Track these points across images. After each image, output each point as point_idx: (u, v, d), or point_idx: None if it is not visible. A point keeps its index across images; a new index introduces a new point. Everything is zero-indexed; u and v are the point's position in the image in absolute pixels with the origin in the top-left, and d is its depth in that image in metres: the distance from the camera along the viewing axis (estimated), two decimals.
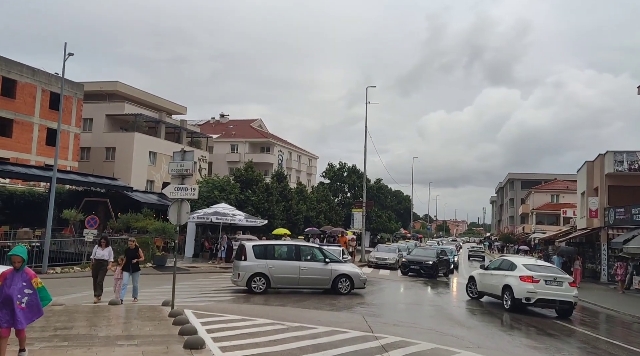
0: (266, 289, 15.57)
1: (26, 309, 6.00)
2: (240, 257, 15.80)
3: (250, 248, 15.87)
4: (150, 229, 24.54)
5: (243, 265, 15.54)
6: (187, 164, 11.37)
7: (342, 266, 16.97)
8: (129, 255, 13.23)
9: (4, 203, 30.28)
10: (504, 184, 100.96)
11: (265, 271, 15.57)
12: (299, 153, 72.97)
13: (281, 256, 16.33)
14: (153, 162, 45.63)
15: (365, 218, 33.61)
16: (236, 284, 15.87)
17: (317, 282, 16.33)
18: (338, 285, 16.30)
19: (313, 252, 16.85)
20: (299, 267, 15.99)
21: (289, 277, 15.92)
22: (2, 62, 35.05)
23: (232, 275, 16.25)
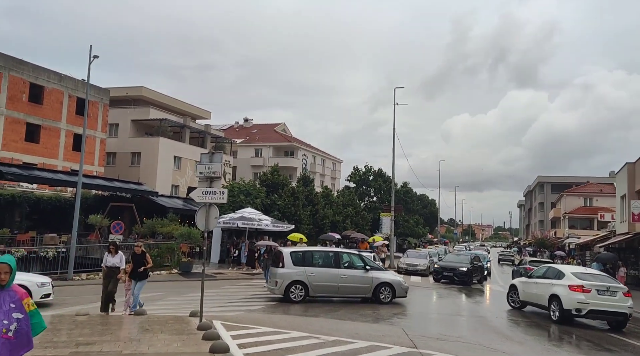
0: (304, 298, 14.89)
1: (14, 340, 4.07)
2: (277, 263, 15.14)
3: (288, 255, 15.18)
4: (176, 234, 24.14)
5: (281, 272, 14.88)
6: (215, 166, 10.74)
7: (383, 274, 16.26)
8: (135, 261, 12.17)
9: (31, 209, 30.41)
10: (532, 187, 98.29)
11: (304, 279, 14.90)
12: (323, 157, 72.31)
13: (320, 263, 15.64)
14: (178, 166, 45.57)
15: (393, 223, 32.66)
16: (273, 292, 15.26)
17: (358, 291, 15.59)
18: (379, 294, 15.56)
19: (353, 259, 16.16)
20: (338, 274, 15.27)
21: (328, 286, 15.22)
22: (29, 68, 35.43)
23: (269, 283, 15.64)
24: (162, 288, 18.05)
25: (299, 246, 22.59)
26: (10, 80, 34.17)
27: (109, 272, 12.09)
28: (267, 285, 15.83)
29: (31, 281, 13.19)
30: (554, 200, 78.70)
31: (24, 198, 29.80)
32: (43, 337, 8.15)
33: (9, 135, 34.05)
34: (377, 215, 49.13)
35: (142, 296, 15.38)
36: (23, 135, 34.90)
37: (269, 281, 15.69)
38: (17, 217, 30.27)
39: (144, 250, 12.43)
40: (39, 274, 20.02)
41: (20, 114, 34.65)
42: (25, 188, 31.95)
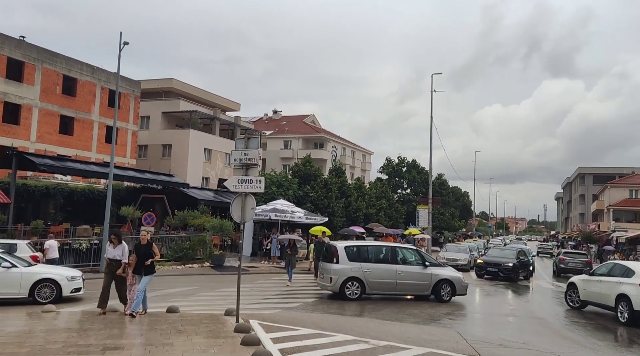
0: (360, 295, 14.14)
1: None
2: (331, 259, 14.41)
3: (343, 250, 14.40)
4: (208, 227, 23.54)
5: (335, 268, 14.13)
6: (251, 153, 9.81)
7: (443, 270, 15.43)
8: (139, 252, 10.32)
9: (65, 201, 30.46)
10: (572, 179, 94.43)
11: (360, 275, 14.14)
12: (352, 148, 71.01)
13: (375, 259, 14.86)
14: (208, 158, 45.26)
15: (430, 216, 31.28)
16: (327, 289, 14.57)
17: (416, 288, 14.86)
18: (440, 291, 14.72)
19: (409, 254, 15.44)
20: (396, 271, 14.52)
21: (385, 282, 14.46)
22: (62, 60, 35.47)
23: (321, 279, 14.90)
24: (194, 282, 17.42)
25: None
26: (43, 72, 34.29)
27: (110, 266, 10.61)
28: (319, 281, 15.15)
29: (61, 275, 12.67)
30: (596, 192, 75.21)
31: (58, 190, 29.82)
32: (68, 339, 7.43)
33: (43, 128, 34.23)
34: (411, 207, 47.74)
35: (175, 291, 14.83)
36: (57, 127, 35.06)
37: (322, 277, 14.83)
38: (52, 209, 30.38)
39: (150, 240, 10.73)
40: (71, 267, 19.78)
41: (54, 106, 34.78)
42: (59, 180, 32.05)
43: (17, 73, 32.74)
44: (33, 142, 33.33)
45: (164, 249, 23.25)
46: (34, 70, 33.78)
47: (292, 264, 17.32)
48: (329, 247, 15.17)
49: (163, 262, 21.42)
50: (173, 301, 12.82)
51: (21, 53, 32.88)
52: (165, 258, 22.11)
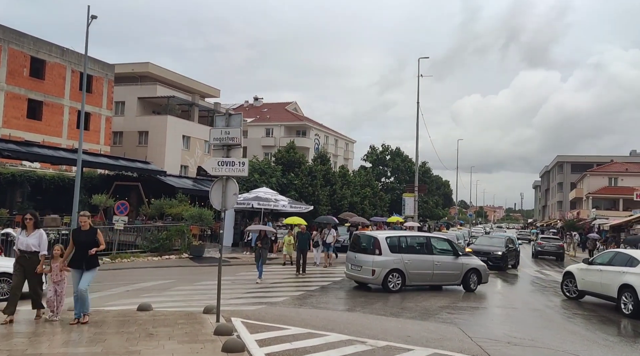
0: (401, 287, 13.85)
1: None
2: (373, 250, 13.92)
3: (384, 241, 13.97)
4: (186, 216, 22.31)
5: (378, 260, 13.68)
6: (233, 131, 8.70)
7: (471, 259, 15.47)
8: (80, 241, 8.11)
9: (33, 189, 28.77)
10: (550, 168, 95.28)
11: (401, 267, 13.86)
12: (335, 137, 69.99)
13: (413, 249, 14.66)
14: (187, 146, 43.73)
15: (417, 204, 30.55)
16: (366, 281, 14.16)
17: (449, 278, 14.82)
18: (468, 280, 14.80)
19: (443, 244, 15.39)
20: (432, 261, 14.43)
21: (423, 273, 14.32)
22: (30, 41, 33.44)
23: (355, 271, 14.20)
24: (171, 274, 16.27)
25: (298, 230, 19.53)
26: (10, 53, 32.25)
27: (22, 259, 8.12)
28: (352, 273, 14.41)
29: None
30: (575, 180, 75.93)
31: (25, 178, 28.13)
32: (15, 347, 6.29)
33: (10, 112, 32.28)
34: (394, 195, 47.10)
35: (149, 285, 13.69)
36: (24, 111, 33.13)
37: (360, 269, 14.05)
38: (19, 198, 28.69)
39: (92, 225, 8.45)
40: None
41: (21, 90, 32.82)
42: (27, 168, 30.30)
43: None
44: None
45: (139, 239, 22.00)
46: (0, 51, 31.73)
47: (263, 258, 15.17)
48: (372, 238, 14.49)
49: (138, 254, 20.18)
50: (146, 297, 11.73)
51: None
52: (141, 249, 20.88)
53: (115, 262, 18.67)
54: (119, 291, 12.78)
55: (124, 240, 21.53)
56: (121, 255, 19.36)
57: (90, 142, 36.57)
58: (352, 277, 14.65)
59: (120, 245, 20.56)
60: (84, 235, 8.20)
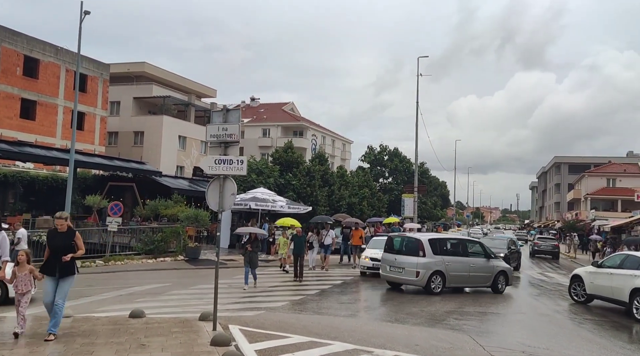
0: (442, 289, 14.02)
1: None
2: (416, 252, 13.99)
3: (428, 243, 14.11)
4: (182, 217, 21.79)
5: (423, 262, 13.77)
6: (231, 127, 8.22)
7: (499, 262, 15.68)
8: (55, 244, 7.19)
9: (26, 190, 28.21)
10: (547, 168, 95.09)
11: (442, 268, 14.01)
12: (332, 137, 69.52)
13: (452, 251, 14.82)
14: (183, 146, 43.16)
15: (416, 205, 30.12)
16: (408, 283, 14.24)
17: (481, 280, 15.03)
18: (497, 283, 15.03)
19: (476, 246, 15.68)
20: (469, 263, 14.69)
21: (461, 276, 14.49)
22: (23, 39, 32.86)
23: (402, 272, 14.03)
24: (166, 278, 15.76)
25: (292, 232, 18.54)
26: (2, 52, 31.68)
27: None
28: (401, 276, 14.14)
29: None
30: (572, 181, 75.70)
31: (18, 178, 27.56)
32: None
33: (3, 112, 31.67)
34: (392, 196, 46.68)
35: (143, 289, 13.18)
36: (18, 111, 32.54)
37: (396, 271, 14.13)
38: (11, 199, 28.10)
39: (72, 226, 7.53)
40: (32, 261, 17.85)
41: (14, 89, 32.22)
42: (20, 168, 29.71)
43: None
44: None
45: (134, 241, 21.47)
46: None
47: (254, 263, 14.02)
48: (414, 240, 14.54)
49: (132, 256, 19.66)
50: (140, 302, 11.23)
51: None
52: (135, 251, 20.36)
53: (109, 264, 18.13)
54: (111, 295, 12.27)
55: (118, 241, 21.02)
56: (115, 257, 18.83)
57: (84, 142, 35.99)
58: (392, 279, 14.67)
59: (114, 247, 20.04)
60: (60, 238, 7.21)
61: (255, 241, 14.55)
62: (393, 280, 14.66)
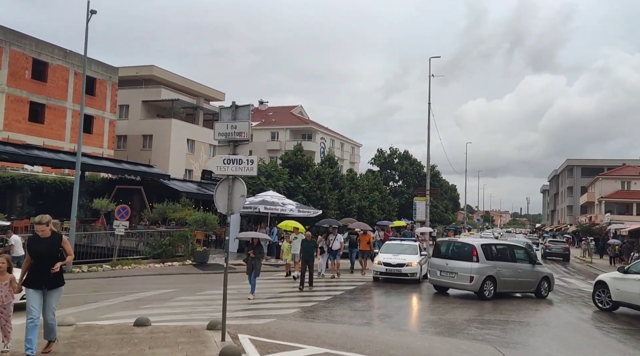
0: (493, 294, 14.06)
1: None
2: (470, 257, 14.08)
3: (480, 248, 14.22)
4: (190, 220, 21.42)
5: (476, 267, 13.86)
6: (240, 125, 7.77)
7: (543, 268, 16.02)
8: (39, 252, 6.29)
9: (34, 193, 28.02)
10: (559, 171, 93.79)
11: (494, 274, 14.11)
12: (341, 140, 69.07)
13: (502, 257, 14.85)
14: (191, 150, 42.94)
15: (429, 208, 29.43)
16: (462, 288, 14.25)
17: (527, 286, 15.11)
18: (540, 288, 15.21)
19: (522, 253, 15.69)
20: (517, 269, 14.81)
21: (511, 281, 14.59)
22: (32, 42, 32.80)
23: (455, 277, 14.08)
24: (174, 283, 15.34)
25: (295, 236, 17.39)
26: (11, 55, 31.62)
27: None
28: (453, 280, 14.16)
29: None
30: (585, 184, 74.50)
31: (25, 182, 27.38)
32: None
33: (12, 115, 31.57)
34: (403, 199, 46.06)
35: (150, 295, 12.77)
36: (26, 114, 32.47)
37: (448, 276, 14.17)
38: (19, 202, 27.91)
39: (57, 231, 6.64)
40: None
41: (22, 92, 32.16)
42: (29, 172, 29.55)
43: None
44: (0, 131, 30.67)
45: (141, 245, 21.12)
46: (1, 52, 31.09)
47: (257, 270, 12.98)
48: (466, 245, 14.67)
49: (139, 260, 19.29)
50: (146, 308, 10.80)
51: None
52: (143, 256, 20.00)
53: (116, 268, 17.78)
54: (117, 301, 11.86)
55: (125, 245, 20.68)
56: (122, 261, 18.47)
57: (93, 146, 35.86)
58: (442, 284, 14.74)
59: (121, 251, 19.69)
60: (45, 244, 6.29)
61: (258, 246, 13.48)
62: (444, 285, 14.81)
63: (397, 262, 16.64)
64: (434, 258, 15.13)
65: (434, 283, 15.06)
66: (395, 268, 16.52)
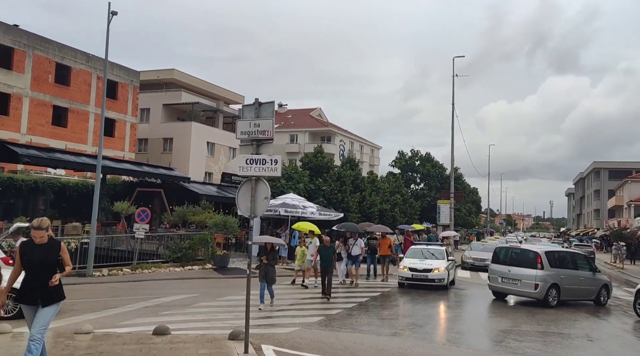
0: (557, 302, 14.03)
1: None
2: (534, 264, 14.01)
3: (545, 255, 14.21)
4: (210, 223, 21.12)
5: (541, 274, 13.82)
6: (264, 123, 7.34)
7: (602, 275, 15.77)
8: (31, 260, 5.39)
9: (56, 196, 28.14)
10: (585, 174, 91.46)
11: (558, 281, 14.06)
12: (361, 143, 68.47)
13: (564, 264, 14.83)
14: (211, 152, 42.92)
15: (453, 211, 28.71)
16: (526, 296, 14.17)
17: (587, 293, 15.00)
18: (600, 296, 15.05)
19: (583, 260, 15.65)
20: (579, 276, 14.73)
21: (573, 289, 14.51)
22: (55, 47, 33.12)
23: (519, 284, 13.99)
24: (194, 287, 15.01)
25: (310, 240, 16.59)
26: (34, 59, 31.96)
27: None
28: (517, 287, 14.05)
29: None
30: (613, 187, 72.35)
31: (48, 185, 27.52)
32: None
33: (35, 119, 31.91)
34: (425, 203, 45.22)
35: (170, 300, 12.41)
36: (50, 118, 32.76)
37: (519, 284, 13.95)
38: (42, 205, 28.06)
39: (53, 236, 5.70)
40: None
41: (46, 96, 32.47)
42: (51, 175, 29.75)
43: (6, 60, 30.43)
44: (24, 134, 31.00)
45: (161, 248, 20.92)
46: (24, 57, 31.45)
47: (270, 278, 11.91)
48: (529, 252, 14.58)
49: (159, 264, 19.05)
50: (165, 314, 10.46)
51: (10, 39, 30.52)
52: (163, 259, 19.77)
53: (136, 272, 17.55)
54: (136, 307, 11.55)
55: (146, 249, 20.50)
56: (142, 265, 18.25)
57: (115, 149, 36.05)
58: (504, 291, 14.64)
59: (142, 255, 19.50)
60: (40, 251, 5.37)
61: (272, 252, 12.32)
62: (506, 292, 14.70)
63: (424, 267, 16.03)
64: (494, 264, 15.01)
65: (493, 289, 14.94)
66: (421, 274, 15.90)
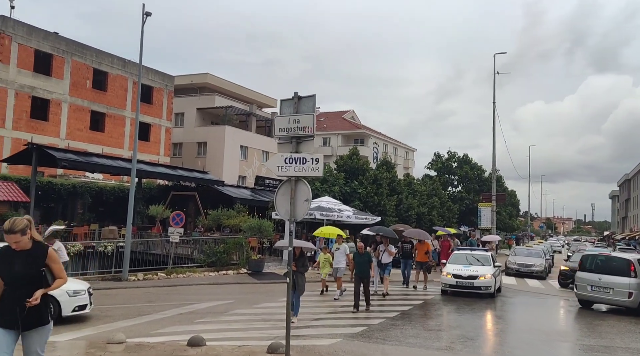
0: None
1: None
2: (627, 272, 13.70)
3: (638, 263, 13.85)
4: (244, 227, 20.78)
5: (635, 283, 13.48)
6: (304, 119, 6.77)
7: None
8: (10, 271, 4.10)
9: (94, 200, 28.52)
10: (631, 176, 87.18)
11: None
12: (395, 145, 67.38)
13: None
14: (244, 156, 42.87)
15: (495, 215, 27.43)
16: (619, 304, 13.74)
17: None
18: None
19: None
20: None
21: None
22: (92, 53, 33.73)
23: (611, 293, 13.62)
24: (229, 293, 14.59)
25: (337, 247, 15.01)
26: (73, 65, 32.63)
27: None
28: (608, 296, 13.68)
29: (60, 289, 10.01)
30: None
31: (86, 189, 27.91)
32: None
33: (73, 124, 32.53)
34: (463, 205, 43.81)
35: (204, 307, 11.99)
36: (87, 123, 33.37)
37: (611, 292, 13.58)
38: (80, 209, 28.50)
39: (39, 239, 4.30)
40: (96, 273, 17.37)
41: (84, 101, 33.09)
42: (89, 179, 30.21)
43: (45, 66, 31.17)
44: (63, 139, 31.64)
45: (196, 253, 20.69)
46: (63, 63, 32.14)
47: (299, 287, 10.64)
48: (623, 260, 14.12)
49: (194, 268, 18.79)
50: (200, 323, 10.01)
51: (49, 45, 31.25)
52: (197, 263, 19.53)
53: (171, 277, 17.32)
54: (170, 314, 11.18)
55: (180, 253, 20.32)
56: (177, 269, 18.02)
57: (150, 153, 36.42)
58: (594, 299, 14.22)
59: (176, 259, 19.31)
60: (19, 260, 4.13)
61: (301, 258, 11.04)
62: (596, 301, 14.28)
63: (469, 273, 15.11)
64: (581, 272, 14.55)
65: (581, 298, 14.50)
66: (466, 281, 15.00)
